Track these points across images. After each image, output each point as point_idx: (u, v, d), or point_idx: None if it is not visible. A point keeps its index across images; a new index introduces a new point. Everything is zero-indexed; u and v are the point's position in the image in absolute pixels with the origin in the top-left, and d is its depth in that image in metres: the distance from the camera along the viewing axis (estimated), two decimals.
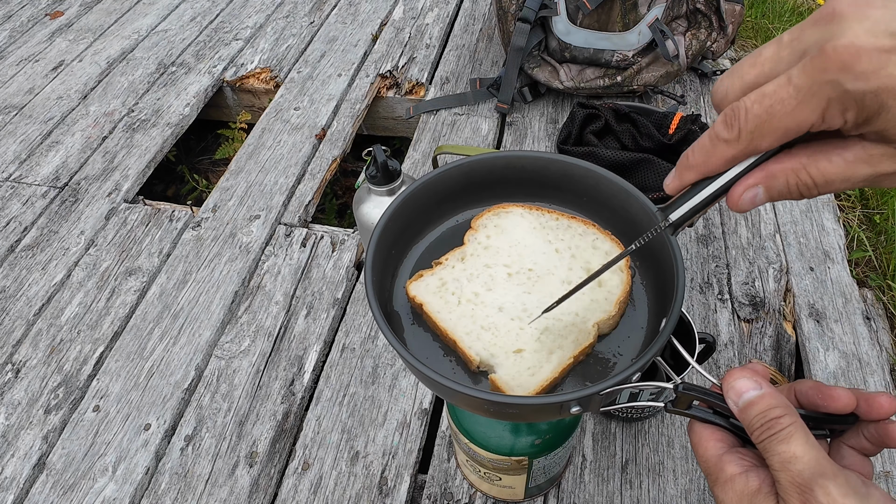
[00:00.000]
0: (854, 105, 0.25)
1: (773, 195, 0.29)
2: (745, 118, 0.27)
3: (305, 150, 1.15)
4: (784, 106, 0.26)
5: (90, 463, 0.76)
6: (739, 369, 0.34)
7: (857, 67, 0.24)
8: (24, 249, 1.02)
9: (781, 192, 0.29)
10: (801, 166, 0.28)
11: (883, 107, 0.24)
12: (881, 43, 0.24)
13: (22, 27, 1.54)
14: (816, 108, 0.26)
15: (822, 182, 0.28)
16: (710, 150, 0.29)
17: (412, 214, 0.48)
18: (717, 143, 0.29)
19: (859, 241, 0.98)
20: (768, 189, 0.29)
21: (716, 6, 1.12)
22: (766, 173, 0.29)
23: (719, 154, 0.29)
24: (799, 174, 0.28)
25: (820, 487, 0.29)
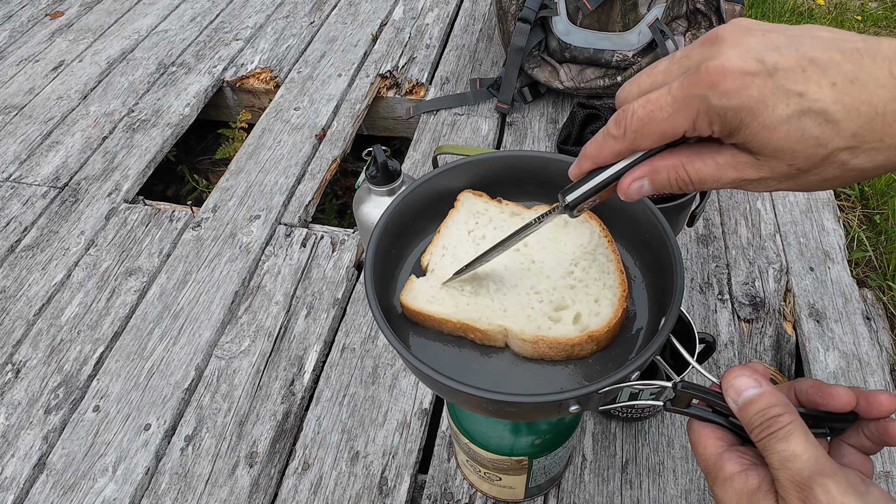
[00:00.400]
0: (718, 119, 0.28)
1: (657, 187, 0.33)
2: (630, 119, 0.31)
3: (305, 151, 1.15)
4: (662, 112, 0.30)
5: (90, 463, 0.76)
6: (739, 368, 0.34)
7: (722, 86, 0.27)
8: (24, 249, 1.02)
9: (663, 185, 0.32)
10: (680, 164, 0.31)
11: (742, 123, 0.28)
12: (748, 67, 0.27)
13: (22, 27, 1.54)
14: (688, 118, 0.29)
15: (696, 180, 0.31)
16: (602, 144, 0.33)
17: (413, 213, 0.48)
18: (607, 139, 0.33)
19: (859, 241, 0.98)
20: (652, 181, 0.32)
21: (716, 6, 1.12)
22: (650, 168, 0.32)
23: (608, 148, 0.33)
24: (678, 170, 0.32)
25: (819, 485, 0.29)
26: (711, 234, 0.96)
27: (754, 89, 0.27)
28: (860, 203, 1.07)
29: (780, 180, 0.30)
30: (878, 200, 1.06)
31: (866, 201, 1.07)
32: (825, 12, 1.73)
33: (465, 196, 0.50)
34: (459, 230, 0.48)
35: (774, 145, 0.28)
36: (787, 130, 0.27)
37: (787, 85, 0.27)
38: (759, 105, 0.27)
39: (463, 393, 0.36)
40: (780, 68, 0.27)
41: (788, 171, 0.29)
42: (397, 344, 0.38)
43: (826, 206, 1.01)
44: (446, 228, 0.49)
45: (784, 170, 0.29)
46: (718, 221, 0.98)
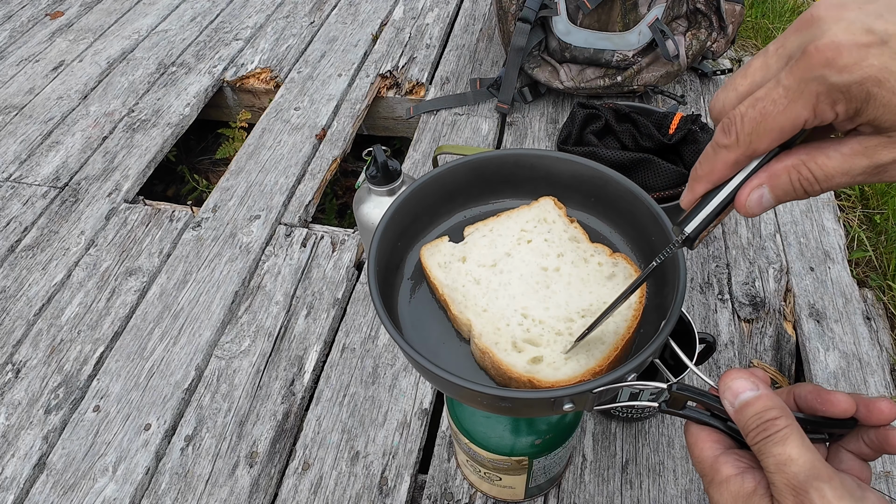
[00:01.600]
0: (842, 97, 0.26)
1: (779, 194, 0.30)
2: (741, 122, 0.29)
3: (305, 150, 1.15)
4: (776, 106, 0.28)
5: (90, 463, 0.76)
6: (737, 370, 0.34)
7: (839, 62, 0.26)
8: (24, 249, 1.02)
9: (786, 191, 0.30)
10: (801, 162, 0.29)
11: (869, 95, 0.26)
12: (859, 39, 0.26)
13: (22, 27, 1.54)
14: (807, 104, 0.27)
15: (822, 177, 0.29)
16: (713, 158, 0.31)
17: (420, 208, 0.48)
18: (718, 151, 0.31)
19: (859, 241, 0.98)
20: (773, 188, 0.30)
21: (716, 6, 1.12)
22: (768, 173, 0.30)
23: (721, 160, 0.31)
24: (800, 170, 0.29)
25: (815, 490, 0.29)
26: (711, 234, 0.96)
27: (873, 58, 0.26)
28: (860, 203, 1.07)
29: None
30: (878, 200, 1.06)
31: (866, 201, 1.07)
32: None
33: (544, 201, 0.50)
34: (515, 225, 0.48)
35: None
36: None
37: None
38: (883, 73, 0.26)
39: (458, 386, 0.37)
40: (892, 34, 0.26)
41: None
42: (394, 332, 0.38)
43: (826, 206, 1.01)
44: (508, 217, 0.49)
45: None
46: None
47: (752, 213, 0.31)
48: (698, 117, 0.93)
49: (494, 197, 0.51)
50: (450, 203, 0.50)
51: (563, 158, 0.48)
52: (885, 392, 0.78)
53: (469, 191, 0.50)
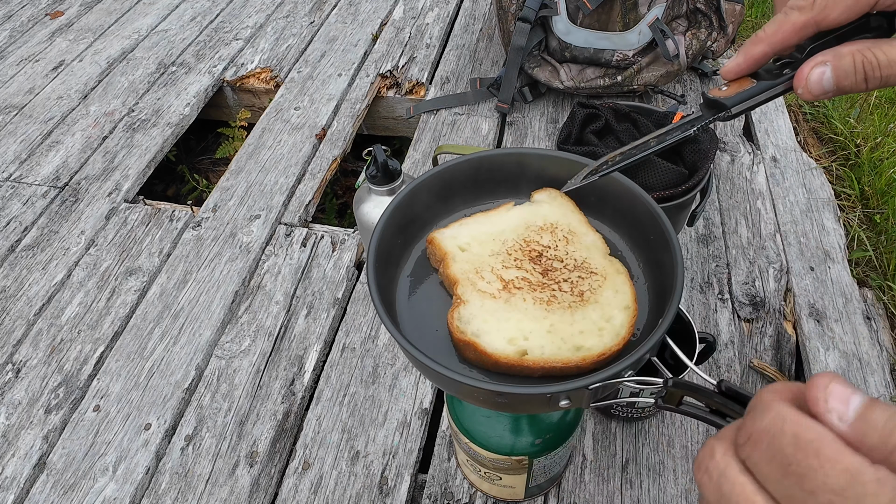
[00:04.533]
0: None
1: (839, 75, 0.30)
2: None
3: (306, 150, 1.15)
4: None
5: (90, 463, 0.76)
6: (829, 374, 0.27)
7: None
8: (24, 249, 1.02)
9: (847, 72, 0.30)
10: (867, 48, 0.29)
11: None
12: None
13: (22, 27, 1.54)
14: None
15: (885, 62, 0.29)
16: (783, 20, 0.31)
17: (419, 206, 0.48)
18: (789, 13, 0.31)
19: (859, 241, 0.98)
20: (836, 68, 0.30)
21: (716, 6, 1.12)
22: (833, 53, 0.30)
23: (791, 21, 0.31)
24: (865, 53, 0.29)
25: None
26: (711, 233, 0.96)
27: None
28: (860, 203, 1.07)
29: None
30: (878, 200, 1.06)
31: (866, 201, 1.07)
32: None
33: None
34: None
35: None
36: None
37: None
38: None
39: (456, 381, 0.37)
40: None
41: None
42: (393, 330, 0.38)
43: (826, 205, 1.01)
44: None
45: None
46: (718, 221, 0.98)
47: (811, 92, 0.31)
48: None
49: (494, 196, 0.52)
50: (449, 202, 0.50)
51: (562, 158, 0.48)
52: (884, 392, 0.78)
53: (468, 190, 0.50)
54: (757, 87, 0.33)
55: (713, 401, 0.34)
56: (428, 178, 0.48)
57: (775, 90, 0.33)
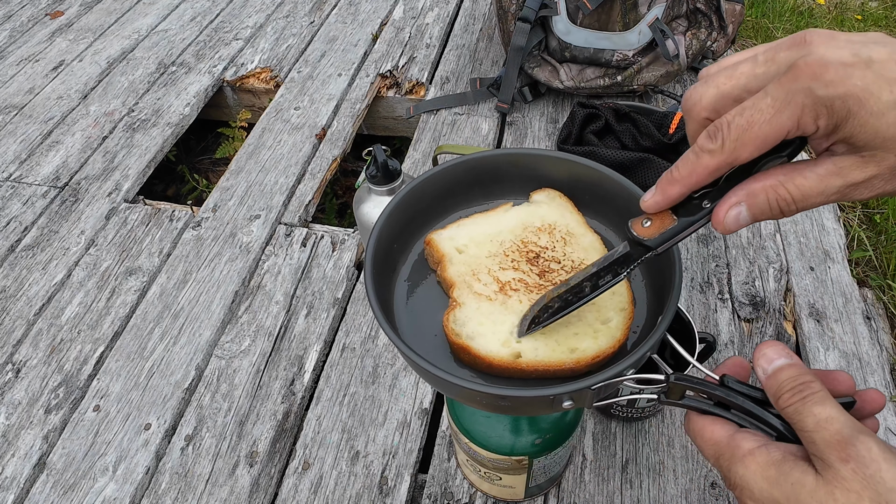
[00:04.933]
0: (825, 110, 0.28)
1: (756, 213, 0.32)
2: (728, 129, 0.30)
3: (305, 150, 1.15)
4: (763, 115, 0.29)
5: (90, 463, 0.76)
6: (772, 342, 0.34)
7: (826, 76, 0.28)
8: (24, 249, 1.02)
9: (763, 210, 0.32)
10: (779, 183, 0.31)
11: (850, 112, 0.28)
12: (846, 59, 0.28)
13: (22, 27, 1.54)
14: (792, 115, 0.29)
15: (799, 196, 0.31)
16: (695, 162, 0.32)
17: (418, 207, 0.48)
18: (701, 156, 0.31)
19: (859, 241, 0.98)
20: (750, 207, 0.32)
21: (716, 6, 1.12)
22: (746, 192, 0.32)
23: (703, 165, 0.31)
24: (777, 190, 0.31)
25: (861, 443, 0.29)
26: (711, 233, 0.96)
27: (857, 78, 0.27)
28: (860, 203, 1.07)
29: (887, 178, 0.29)
30: (878, 200, 1.06)
31: (866, 201, 1.07)
32: (825, 12, 1.73)
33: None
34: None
35: (884, 133, 0.28)
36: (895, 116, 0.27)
37: (887, 73, 0.27)
38: (864, 93, 0.27)
39: (456, 385, 0.37)
40: (876, 60, 0.28)
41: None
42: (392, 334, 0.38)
43: (826, 205, 1.01)
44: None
45: (892, 162, 0.29)
46: None
47: (728, 231, 0.32)
48: None
49: (493, 196, 0.52)
50: (448, 202, 0.50)
51: (560, 158, 0.48)
52: (884, 391, 0.78)
53: (467, 190, 0.50)
54: (679, 226, 0.34)
55: (716, 394, 0.35)
56: (427, 178, 0.48)
57: (696, 226, 0.34)
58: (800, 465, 0.30)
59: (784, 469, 0.31)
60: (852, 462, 0.28)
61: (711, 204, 0.33)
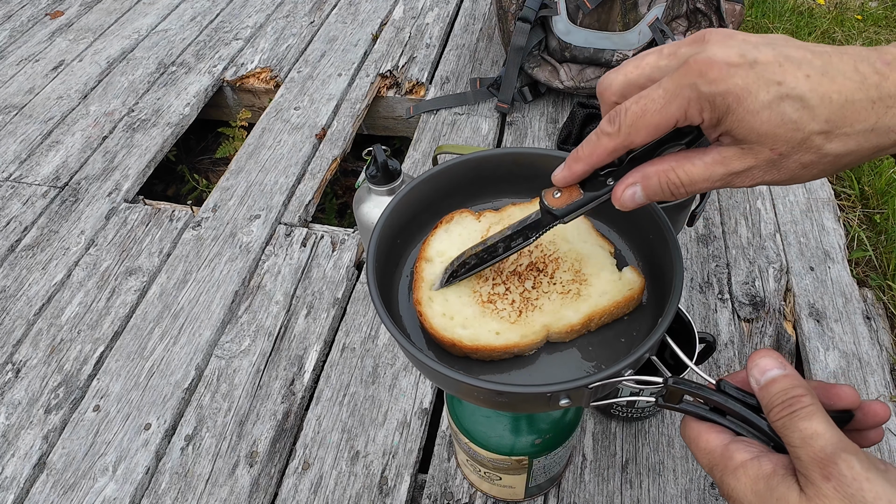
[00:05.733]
0: (708, 105, 0.31)
1: (649, 193, 0.35)
2: (625, 115, 0.33)
3: (305, 150, 1.15)
4: (654, 104, 0.32)
5: (90, 462, 0.76)
6: (767, 350, 0.34)
7: (710, 75, 0.30)
8: (24, 249, 1.02)
9: (655, 191, 0.35)
10: (670, 168, 0.34)
11: (729, 109, 0.30)
12: (731, 59, 0.30)
13: (22, 27, 1.54)
14: (680, 107, 0.31)
15: (687, 181, 0.33)
16: (596, 143, 0.35)
17: (419, 206, 0.48)
18: (601, 137, 0.34)
19: (859, 241, 0.98)
20: (644, 187, 0.35)
21: (716, 6, 1.12)
22: (642, 174, 0.35)
23: (603, 146, 0.34)
24: (668, 174, 0.34)
25: (843, 461, 0.29)
26: (711, 233, 0.96)
27: (738, 78, 0.30)
28: (860, 203, 1.07)
29: (764, 169, 0.32)
30: (878, 200, 1.06)
31: (866, 201, 1.07)
32: (825, 12, 1.73)
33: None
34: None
35: (758, 129, 0.30)
36: (769, 115, 0.30)
37: (767, 75, 0.30)
38: (744, 92, 0.30)
39: (455, 380, 0.37)
40: (760, 62, 0.30)
41: (771, 156, 0.31)
42: (393, 328, 0.38)
43: (826, 205, 1.01)
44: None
45: (767, 156, 0.31)
46: (718, 221, 0.98)
47: (625, 208, 0.36)
48: None
49: (493, 195, 0.52)
50: (449, 201, 0.50)
51: (561, 157, 0.48)
52: (884, 391, 0.78)
53: (468, 189, 0.51)
54: (583, 199, 0.38)
55: (712, 399, 0.35)
56: (427, 178, 0.48)
57: (598, 200, 0.37)
58: (787, 480, 0.31)
59: (772, 484, 0.31)
60: (833, 480, 0.29)
61: (614, 182, 0.36)
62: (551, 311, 0.43)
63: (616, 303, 0.43)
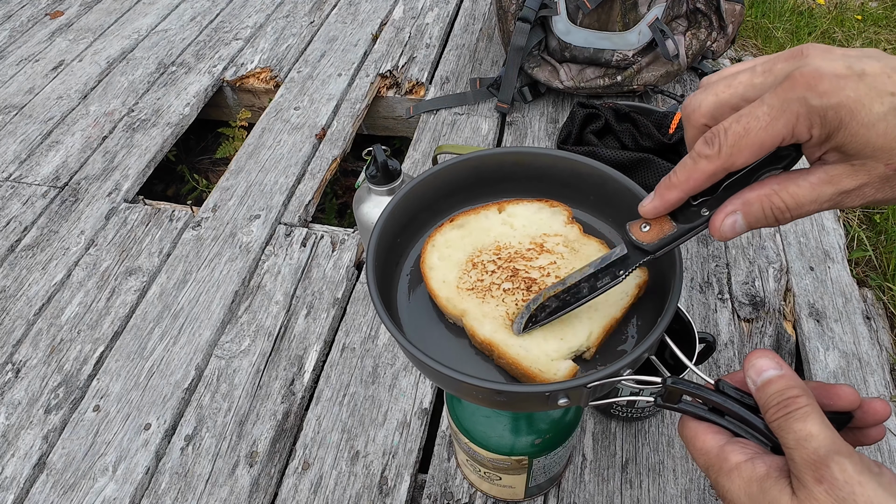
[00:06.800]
0: (818, 120, 0.29)
1: (751, 221, 0.33)
2: (725, 135, 0.31)
3: (305, 150, 1.15)
4: (759, 122, 0.30)
5: (90, 463, 0.76)
6: (763, 350, 0.34)
7: (820, 87, 0.28)
8: (24, 249, 1.02)
9: (758, 218, 0.32)
10: (773, 192, 0.32)
11: (841, 122, 0.29)
12: (840, 71, 0.29)
13: (22, 27, 1.54)
14: (787, 123, 0.29)
15: (793, 205, 0.31)
16: (692, 167, 0.32)
17: (419, 205, 0.48)
18: (698, 161, 0.32)
19: (859, 241, 0.98)
20: (746, 215, 0.32)
21: (716, 6, 1.12)
22: (742, 200, 0.32)
23: (700, 170, 0.32)
24: (772, 198, 0.32)
25: (836, 464, 0.29)
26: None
27: (850, 90, 0.28)
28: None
29: (877, 187, 0.30)
30: None
31: None
32: (825, 12, 1.73)
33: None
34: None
35: (874, 143, 0.29)
36: (885, 127, 0.28)
37: (878, 86, 0.28)
38: (856, 104, 0.28)
39: (454, 379, 0.37)
40: (868, 73, 0.29)
41: (885, 172, 0.29)
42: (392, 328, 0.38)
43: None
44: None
45: (881, 171, 0.30)
46: None
47: (724, 238, 0.33)
48: None
49: (494, 195, 0.52)
50: (450, 200, 0.50)
51: (562, 156, 0.49)
52: (884, 391, 0.78)
53: (469, 188, 0.51)
54: (677, 232, 0.35)
55: (711, 399, 0.35)
56: (427, 178, 0.48)
57: (694, 233, 0.35)
58: (779, 482, 0.31)
59: (764, 486, 0.31)
60: (825, 483, 0.29)
61: (710, 212, 0.34)
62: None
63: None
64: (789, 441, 0.30)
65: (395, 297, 0.46)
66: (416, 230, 0.49)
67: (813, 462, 0.29)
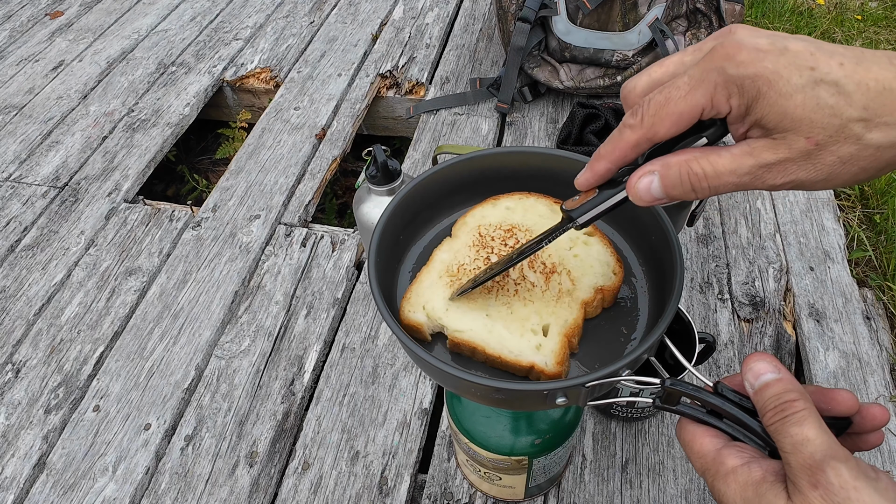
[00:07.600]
0: (736, 90, 0.29)
1: (667, 185, 0.32)
2: (648, 105, 0.31)
3: (305, 150, 1.15)
4: (679, 91, 0.30)
5: (90, 463, 0.76)
6: (760, 353, 0.34)
7: (738, 57, 0.29)
8: (24, 249, 1.02)
9: (674, 183, 0.32)
10: (694, 158, 0.31)
11: (759, 93, 0.29)
12: (762, 45, 0.29)
13: (22, 27, 1.54)
14: (706, 93, 0.30)
15: (711, 172, 0.31)
16: (618, 138, 0.33)
17: (421, 204, 0.49)
18: (623, 130, 0.33)
19: (859, 241, 0.98)
20: (663, 177, 0.32)
21: (716, 6, 1.12)
22: (662, 163, 0.32)
23: (625, 139, 0.33)
24: (691, 164, 0.31)
25: (832, 469, 0.29)
26: (711, 233, 0.96)
27: (769, 62, 0.28)
28: (860, 203, 1.07)
29: (799, 163, 0.30)
30: (878, 200, 1.06)
31: (866, 201, 1.07)
32: (825, 12, 1.73)
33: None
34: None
35: (792, 114, 0.28)
36: (803, 99, 0.28)
37: (799, 61, 0.28)
38: (775, 75, 0.28)
39: (453, 376, 0.37)
40: (791, 49, 0.29)
41: (806, 146, 0.29)
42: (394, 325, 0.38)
43: (826, 205, 1.01)
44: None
45: (802, 146, 0.29)
46: (718, 221, 0.98)
47: (639, 199, 0.33)
48: None
49: (494, 194, 0.52)
50: (451, 199, 0.50)
51: (561, 156, 0.49)
52: (884, 392, 0.78)
53: (470, 188, 0.51)
54: (598, 197, 0.35)
55: (709, 402, 0.35)
56: (427, 178, 0.48)
57: (614, 199, 0.35)
58: (775, 487, 0.31)
59: (760, 491, 0.31)
60: (821, 489, 0.29)
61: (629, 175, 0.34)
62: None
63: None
64: (786, 445, 0.30)
65: (396, 296, 0.46)
66: (417, 228, 0.50)
67: (809, 466, 0.29)
